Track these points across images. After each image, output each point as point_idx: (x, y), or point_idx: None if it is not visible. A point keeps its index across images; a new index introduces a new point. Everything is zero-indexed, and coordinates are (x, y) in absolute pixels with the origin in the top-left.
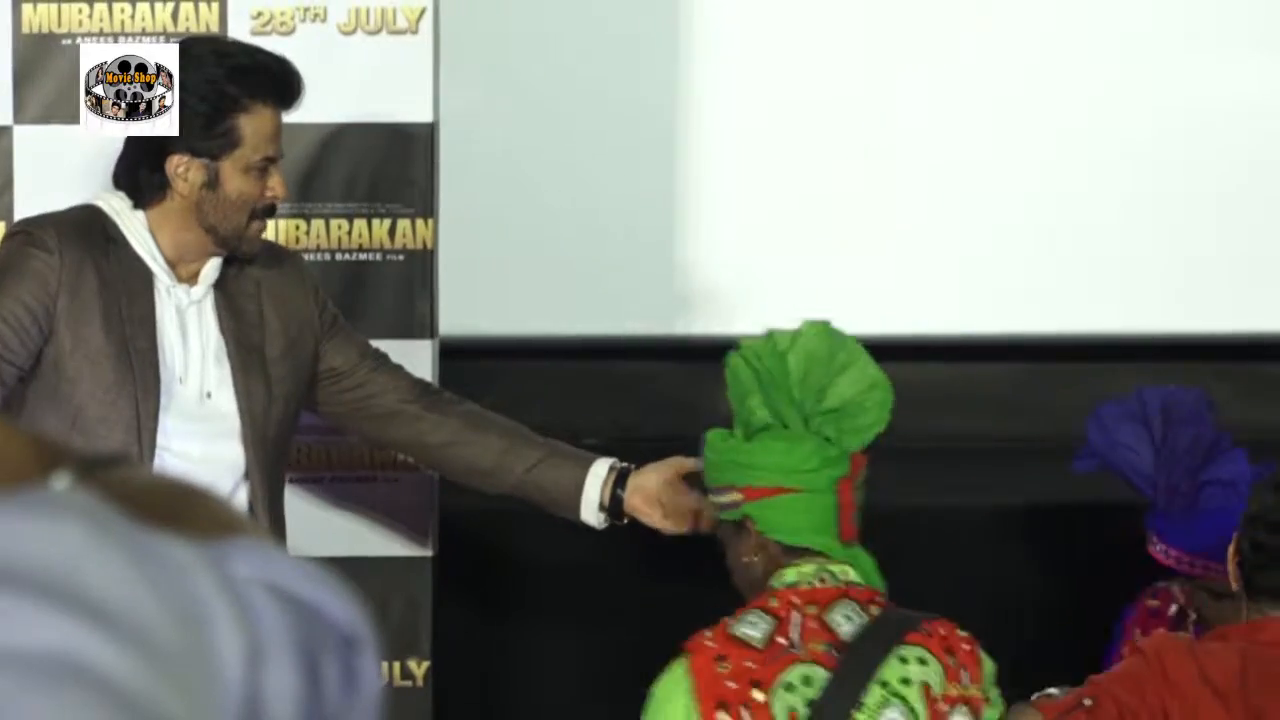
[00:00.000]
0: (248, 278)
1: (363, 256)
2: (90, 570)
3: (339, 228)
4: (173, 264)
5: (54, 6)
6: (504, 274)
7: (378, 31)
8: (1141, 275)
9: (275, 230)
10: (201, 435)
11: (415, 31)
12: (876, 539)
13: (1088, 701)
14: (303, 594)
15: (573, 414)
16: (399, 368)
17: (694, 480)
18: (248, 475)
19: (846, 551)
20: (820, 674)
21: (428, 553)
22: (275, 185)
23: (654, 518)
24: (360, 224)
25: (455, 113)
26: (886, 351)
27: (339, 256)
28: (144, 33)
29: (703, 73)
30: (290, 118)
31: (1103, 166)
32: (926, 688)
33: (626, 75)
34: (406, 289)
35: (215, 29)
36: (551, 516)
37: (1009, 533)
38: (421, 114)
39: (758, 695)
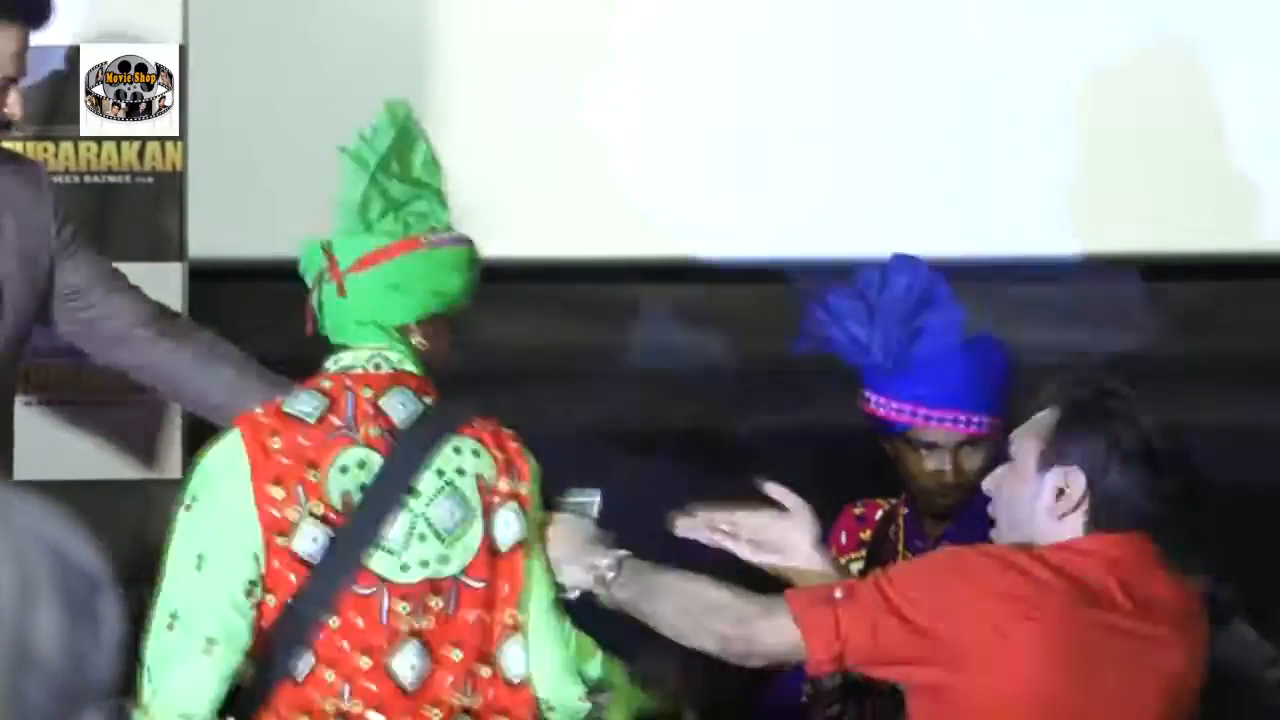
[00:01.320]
0: None
1: (112, 179)
2: None
3: (88, 150)
4: None
5: None
6: (254, 196)
7: None
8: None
9: (23, 151)
10: None
11: None
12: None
13: (839, 594)
14: (51, 536)
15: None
16: (136, 290)
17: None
18: None
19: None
20: (376, 459)
21: (176, 476)
22: (13, 104)
23: None
24: (109, 146)
25: (205, 35)
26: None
27: (88, 179)
28: None
29: None
30: (38, 39)
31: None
32: (480, 480)
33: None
34: (156, 211)
35: None
36: None
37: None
38: (171, 35)
39: (312, 475)
